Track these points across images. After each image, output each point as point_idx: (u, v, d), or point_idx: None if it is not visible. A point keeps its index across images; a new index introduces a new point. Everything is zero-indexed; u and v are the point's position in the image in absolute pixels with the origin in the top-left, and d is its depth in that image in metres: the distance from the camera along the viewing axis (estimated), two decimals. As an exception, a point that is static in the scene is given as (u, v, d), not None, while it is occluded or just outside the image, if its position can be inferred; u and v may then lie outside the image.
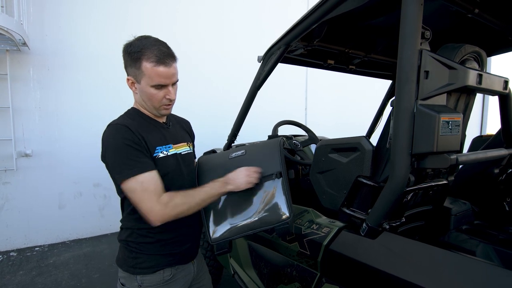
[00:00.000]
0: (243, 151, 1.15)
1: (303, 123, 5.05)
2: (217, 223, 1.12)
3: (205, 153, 1.35)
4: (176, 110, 1.31)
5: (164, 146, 1.03)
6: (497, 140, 1.41)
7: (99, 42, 3.39)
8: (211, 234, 1.12)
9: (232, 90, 4.11)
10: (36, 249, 3.18)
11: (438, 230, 1.28)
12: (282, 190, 1.05)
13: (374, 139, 2.82)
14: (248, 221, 1.08)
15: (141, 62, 0.93)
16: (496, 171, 1.43)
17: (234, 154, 1.16)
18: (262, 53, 1.70)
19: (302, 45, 1.52)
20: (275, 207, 1.05)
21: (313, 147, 2.16)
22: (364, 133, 3.16)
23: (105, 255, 3.05)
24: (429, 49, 0.85)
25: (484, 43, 1.34)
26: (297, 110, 4.94)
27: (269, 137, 1.23)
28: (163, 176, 1.00)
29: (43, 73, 3.14)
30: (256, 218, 1.06)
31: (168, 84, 0.98)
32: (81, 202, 3.45)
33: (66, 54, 3.24)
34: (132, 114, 1.06)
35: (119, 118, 1.03)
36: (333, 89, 5.07)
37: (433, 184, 1.07)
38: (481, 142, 1.76)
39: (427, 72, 0.80)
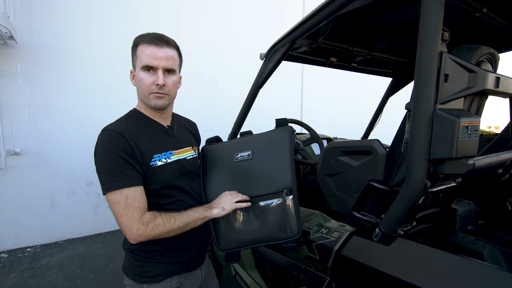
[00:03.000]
0: (249, 153, 1.11)
1: (298, 119, 5.04)
2: (225, 232, 1.11)
3: (208, 141, 1.28)
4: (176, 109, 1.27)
5: (163, 154, 0.98)
6: (503, 139, 1.41)
7: (93, 37, 3.28)
8: (219, 244, 1.11)
9: (232, 89, 4.05)
10: (28, 250, 3.09)
11: (444, 231, 1.28)
12: (292, 206, 1.03)
13: (373, 137, 2.82)
14: (256, 233, 1.06)
15: (137, 47, 0.94)
16: (500, 171, 1.43)
17: (240, 155, 1.11)
18: (261, 51, 1.67)
19: (307, 43, 1.48)
20: (284, 222, 1.04)
21: (314, 146, 2.14)
22: (359, 128, 3.17)
23: (99, 255, 2.98)
24: (446, 50, 0.82)
25: (489, 42, 1.33)
26: (293, 106, 4.92)
27: (277, 122, 1.19)
28: (163, 185, 0.96)
29: (32, 68, 3.02)
30: (264, 232, 1.05)
31: (157, 67, 0.92)
32: (74, 201, 3.37)
33: (56, 48, 3.12)
34: (133, 116, 1.00)
35: (116, 121, 0.97)
36: (329, 85, 5.07)
37: (444, 187, 1.05)
38: (481, 140, 1.76)
39: (446, 75, 0.78)
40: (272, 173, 1.04)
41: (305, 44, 1.51)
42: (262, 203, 1.06)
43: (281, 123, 1.16)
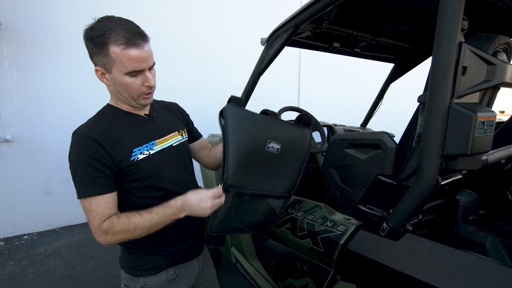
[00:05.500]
0: (278, 147, 1.03)
1: (295, 104, 4.95)
2: (225, 217, 1.04)
3: (234, 101, 1.05)
4: (183, 95, 1.21)
5: (145, 146, 0.92)
6: (507, 130, 1.39)
7: (83, 17, 3.05)
8: (213, 226, 1.02)
9: (232, 76, 3.94)
10: (24, 237, 3.07)
11: (446, 222, 1.29)
12: (282, 208, 1.10)
13: (373, 126, 2.80)
14: (247, 224, 1.07)
15: (107, 47, 0.80)
16: (502, 161, 1.43)
17: (271, 146, 1.01)
18: (261, 36, 1.60)
19: (311, 28, 1.42)
20: (271, 220, 1.11)
21: (315, 134, 2.11)
22: (357, 112, 3.13)
23: (98, 242, 2.96)
24: (464, 40, 0.78)
25: (501, 30, 1.28)
26: (290, 90, 4.84)
27: (299, 119, 1.16)
28: (147, 178, 0.91)
29: (19, 51, 2.88)
30: (254, 224, 1.09)
31: (144, 69, 0.85)
32: (69, 188, 3.31)
33: (43, 30, 2.96)
34: (106, 113, 0.94)
35: (88, 122, 0.91)
36: (326, 69, 4.97)
37: (451, 179, 1.04)
38: None
39: (465, 68, 0.74)
40: (284, 175, 1.04)
41: (308, 29, 1.45)
42: (268, 200, 1.06)
43: (306, 122, 1.13)
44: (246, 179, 1.00)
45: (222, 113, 0.96)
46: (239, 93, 1.66)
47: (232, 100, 1.06)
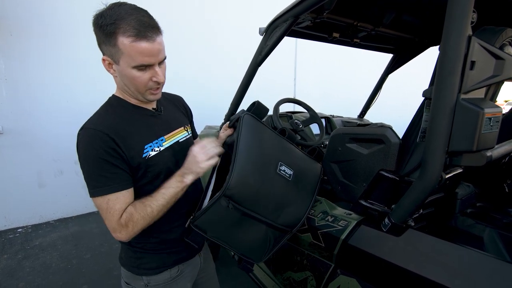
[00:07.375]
0: (291, 173, 0.97)
1: (291, 94, 4.88)
2: (214, 218, 0.94)
3: (253, 112, 1.00)
4: (184, 86, 1.17)
5: (155, 142, 0.89)
6: (507, 122, 1.39)
7: (74, 2, 2.98)
8: (197, 218, 0.93)
9: (231, 67, 3.86)
10: (18, 230, 3.03)
11: (444, 215, 1.29)
12: (277, 243, 1.01)
13: (370, 117, 2.79)
14: (235, 238, 0.97)
15: (116, 37, 0.75)
16: (501, 153, 1.43)
17: (283, 169, 0.95)
18: (259, 26, 1.56)
19: (311, 18, 1.38)
20: (264, 247, 1.00)
21: (313, 126, 2.09)
22: (354, 101, 3.11)
23: (94, 234, 2.97)
24: (472, 34, 0.76)
25: (505, 22, 1.26)
26: (286, 80, 4.79)
27: (315, 152, 1.16)
28: (158, 175, 0.89)
29: (5, 39, 2.76)
30: (243, 242, 0.97)
31: (153, 64, 0.81)
32: (62, 180, 3.27)
33: (31, 17, 2.83)
34: (113, 106, 0.89)
35: (96, 115, 0.87)
36: (323, 59, 4.92)
37: (452, 174, 1.04)
38: None
39: (473, 62, 0.72)
40: (290, 206, 0.97)
41: (308, 19, 1.41)
42: (266, 227, 0.99)
43: (318, 154, 1.14)
44: (250, 197, 0.90)
45: (238, 120, 0.92)
46: (237, 84, 1.63)
47: (256, 107, 1.00)
